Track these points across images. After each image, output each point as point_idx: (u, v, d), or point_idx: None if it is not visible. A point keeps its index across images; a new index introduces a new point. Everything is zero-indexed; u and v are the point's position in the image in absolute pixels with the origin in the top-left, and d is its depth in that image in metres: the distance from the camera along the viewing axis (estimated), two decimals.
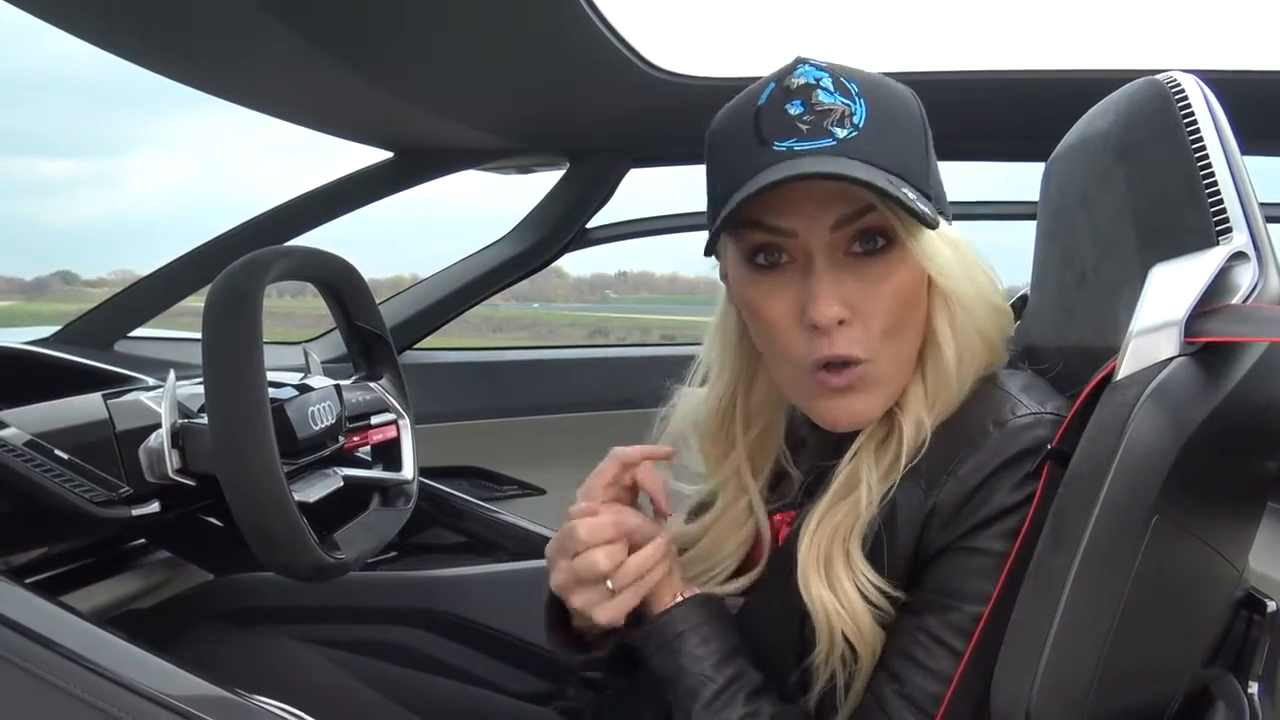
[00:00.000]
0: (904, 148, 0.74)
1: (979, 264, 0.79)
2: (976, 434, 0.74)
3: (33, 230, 22.29)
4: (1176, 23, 1.33)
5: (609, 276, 5.55)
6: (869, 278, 0.74)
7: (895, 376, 0.77)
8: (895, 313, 0.75)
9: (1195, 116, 0.78)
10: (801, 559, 0.77)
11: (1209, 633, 0.78)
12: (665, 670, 0.80)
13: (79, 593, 1.23)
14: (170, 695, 0.70)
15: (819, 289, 0.73)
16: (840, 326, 0.73)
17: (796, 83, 0.73)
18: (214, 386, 0.87)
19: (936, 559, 0.74)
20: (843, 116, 0.72)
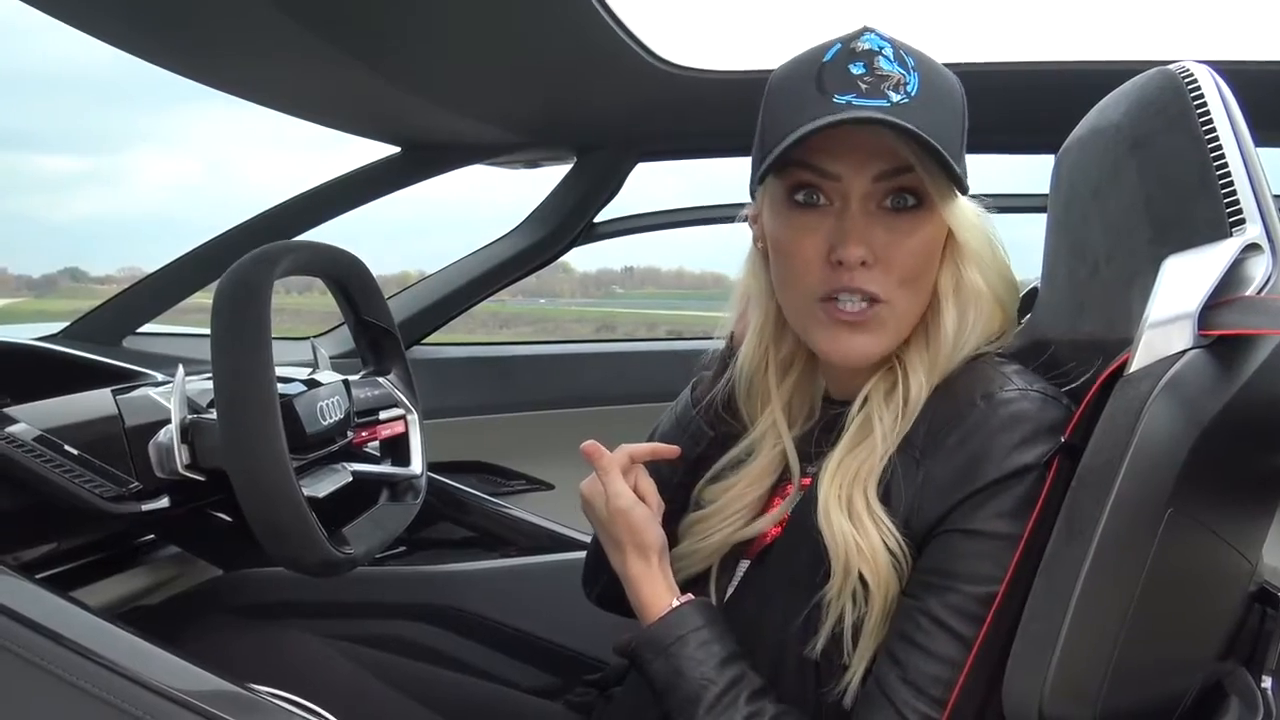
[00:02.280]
0: (946, 124, 0.79)
1: (998, 241, 0.85)
2: (965, 406, 0.77)
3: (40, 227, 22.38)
4: (1190, 13, 1.32)
5: (615, 272, 5.55)
6: (897, 231, 0.79)
7: (902, 324, 0.82)
8: (914, 266, 0.80)
9: (1208, 107, 0.77)
10: (823, 496, 0.79)
11: (1223, 627, 0.78)
12: (664, 677, 0.81)
13: (88, 588, 1.23)
14: (182, 690, 0.70)
15: (852, 230, 0.79)
16: (862, 268, 0.79)
17: (861, 47, 0.79)
18: (223, 382, 0.87)
19: (932, 540, 0.76)
20: (898, 84, 0.78)
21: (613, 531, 0.88)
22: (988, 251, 0.83)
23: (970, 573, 0.73)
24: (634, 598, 0.87)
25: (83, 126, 51.14)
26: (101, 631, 0.76)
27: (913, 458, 0.77)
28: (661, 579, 0.87)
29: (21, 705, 0.73)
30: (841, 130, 0.76)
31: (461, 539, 1.58)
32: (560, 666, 1.29)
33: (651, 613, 0.85)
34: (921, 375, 0.81)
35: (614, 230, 2.22)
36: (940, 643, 0.73)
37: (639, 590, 0.87)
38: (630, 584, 0.87)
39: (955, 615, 0.73)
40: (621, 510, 0.87)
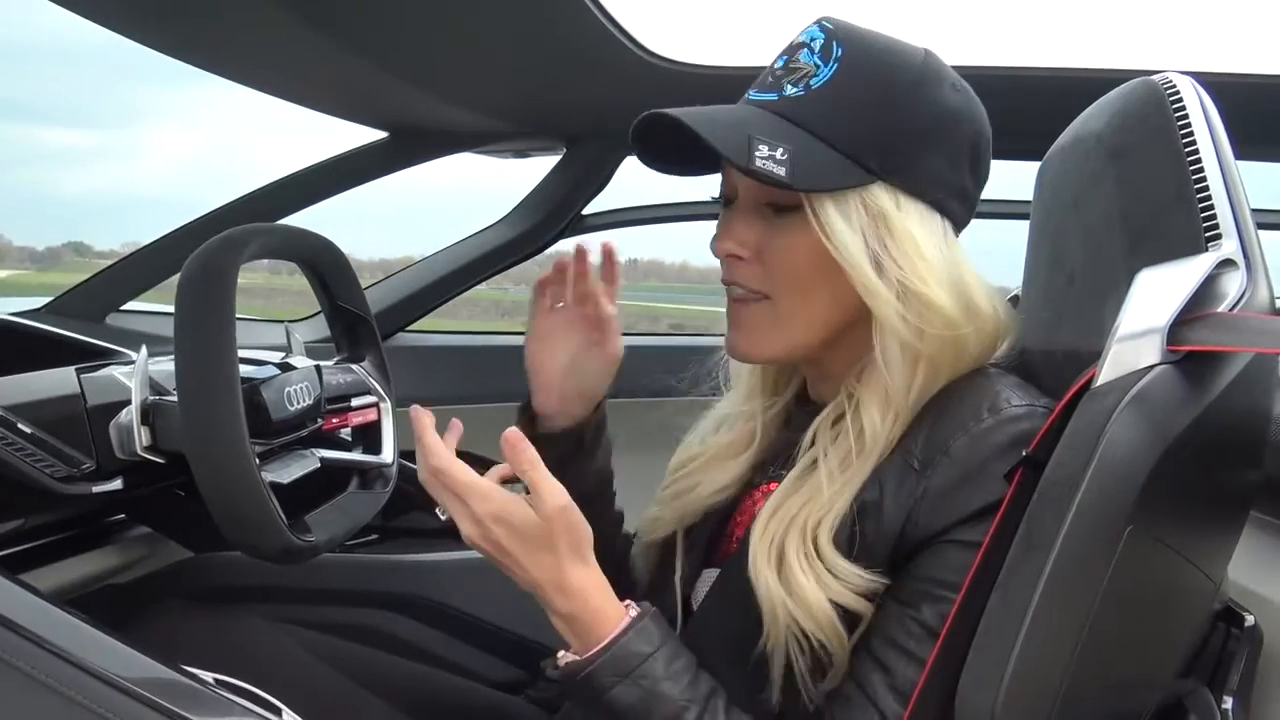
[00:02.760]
0: (858, 117, 0.75)
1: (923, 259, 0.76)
2: (971, 419, 0.74)
3: (48, 200, 22.36)
4: (1175, 23, 1.31)
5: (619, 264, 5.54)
6: (775, 230, 0.78)
7: (797, 326, 0.79)
8: (794, 269, 0.78)
9: (1189, 119, 0.76)
10: (754, 545, 0.77)
11: (1183, 645, 0.77)
12: (629, 701, 0.72)
13: (55, 566, 1.23)
14: (120, 675, 0.69)
15: (724, 224, 0.81)
16: (738, 262, 0.80)
17: (797, 40, 0.78)
18: (184, 364, 0.86)
19: (927, 549, 0.73)
20: (803, 76, 0.76)
21: (547, 541, 0.74)
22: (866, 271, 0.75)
23: (953, 567, 0.72)
24: (574, 611, 0.75)
25: (94, 101, 51.17)
26: (47, 615, 0.74)
27: (910, 467, 0.75)
28: (603, 584, 0.76)
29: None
30: None
31: (435, 529, 1.57)
32: (525, 660, 1.28)
33: (602, 629, 0.74)
34: (876, 416, 0.77)
35: (604, 223, 2.20)
36: (929, 652, 0.71)
37: (585, 601, 0.74)
38: (570, 596, 0.74)
39: (937, 617, 0.72)
40: (561, 509, 0.74)
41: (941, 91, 0.78)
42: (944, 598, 0.72)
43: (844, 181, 0.75)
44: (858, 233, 0.75)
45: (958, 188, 0.79)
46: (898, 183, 0.76)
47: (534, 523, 0.74)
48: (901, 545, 0.74)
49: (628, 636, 0.74)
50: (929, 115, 0.77)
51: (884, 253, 0.75)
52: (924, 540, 0.73)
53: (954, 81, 0.79)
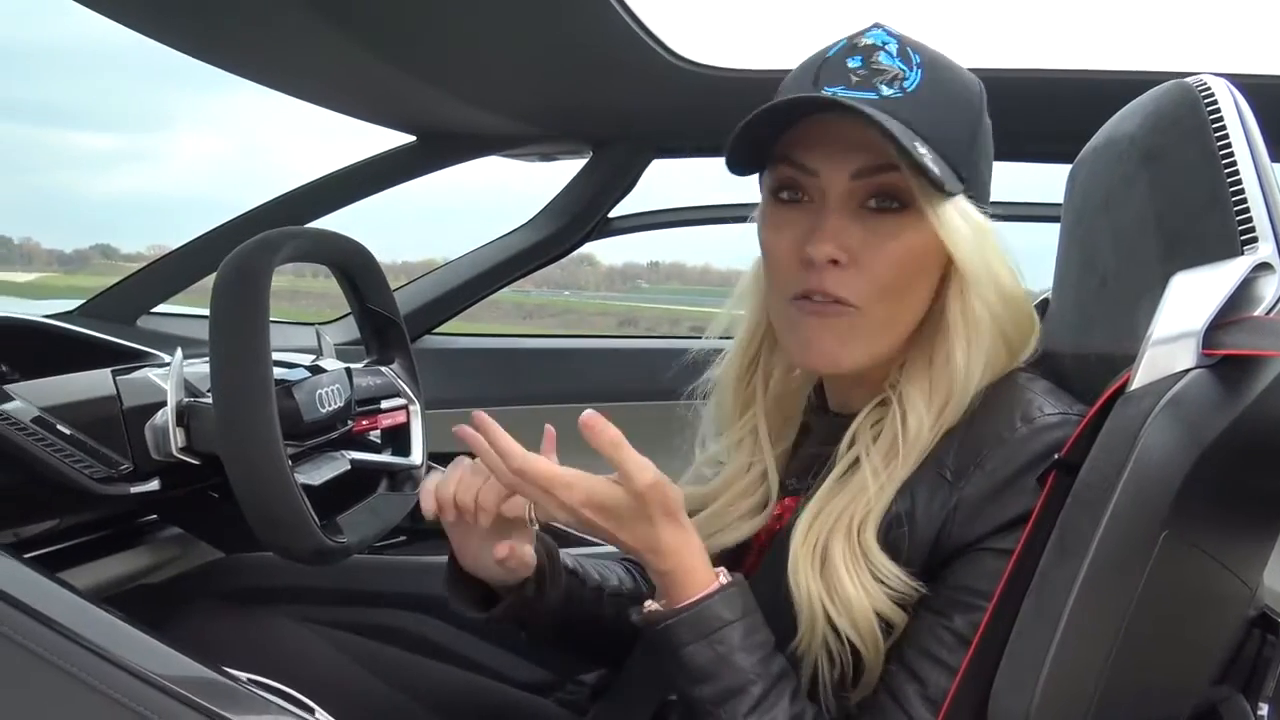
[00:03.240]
0: (947, 125, 0.76)
1: (1002, 257, 0.79)
2: (1005, 429, 0.74)
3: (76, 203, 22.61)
4: (1210, 25, 1.29)
5: (641, 266, 5.54)
6: (877, 232, 0.76)
7: (881, 336, 0.78)
8: (895, 273, 0.76)
9: (1224, 121, 0.76)
10: (795, 547, 0.76)
11: (1218, 651, 0.76)
12: (701, 661, 0.73)
13: (89, 566, 1.24)
14: (158, 673, 0.70)
15: (824, 226, 0.75)
16: (834, 267, 0.75)
17: (864, 42, 0.77)
18: (218, 366, 0.87)
19: (961, 557, 0.73)
20: (894, 78, 0.75)
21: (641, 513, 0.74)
22: (984, 271, 0.77)
23: (988, 576, 0.71)
24: (670, 569, 0.75)
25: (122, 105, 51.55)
26: (86, 614, 0.75)
27: (943, 478, 0.74)
28: (698, 546, 0.76)
29: (2, 683, 0.73)
30: (823, 124, 0.74)
31: None
32: (554, 663, 1.28)
33: (691, 588, 0.75)
34: (922, 409, 0.76)
35: (629, 226, 2.21)
36: (962, 661, 0.70)
37: (679, 560, 0.75)
38: (665, 557, 0.75)
39: (970, 627, 0.71)
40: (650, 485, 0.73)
41: (984, 108, 0.80)
42: (977, 606, 0.71)
43: (953, 188, 0.75)
44: (970, 232, 0.76)
45: (989, 196, 0.81)
46: (970, 192, 0.77)
47: (625, 501, 0.74)
48: (935, 555, 0.74)
49: (713, 600, 0.75)
50: (985, 130, 0.80)
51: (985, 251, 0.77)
52: (957, 549, 0.73)
53: None
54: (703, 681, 0.73)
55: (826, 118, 0.74)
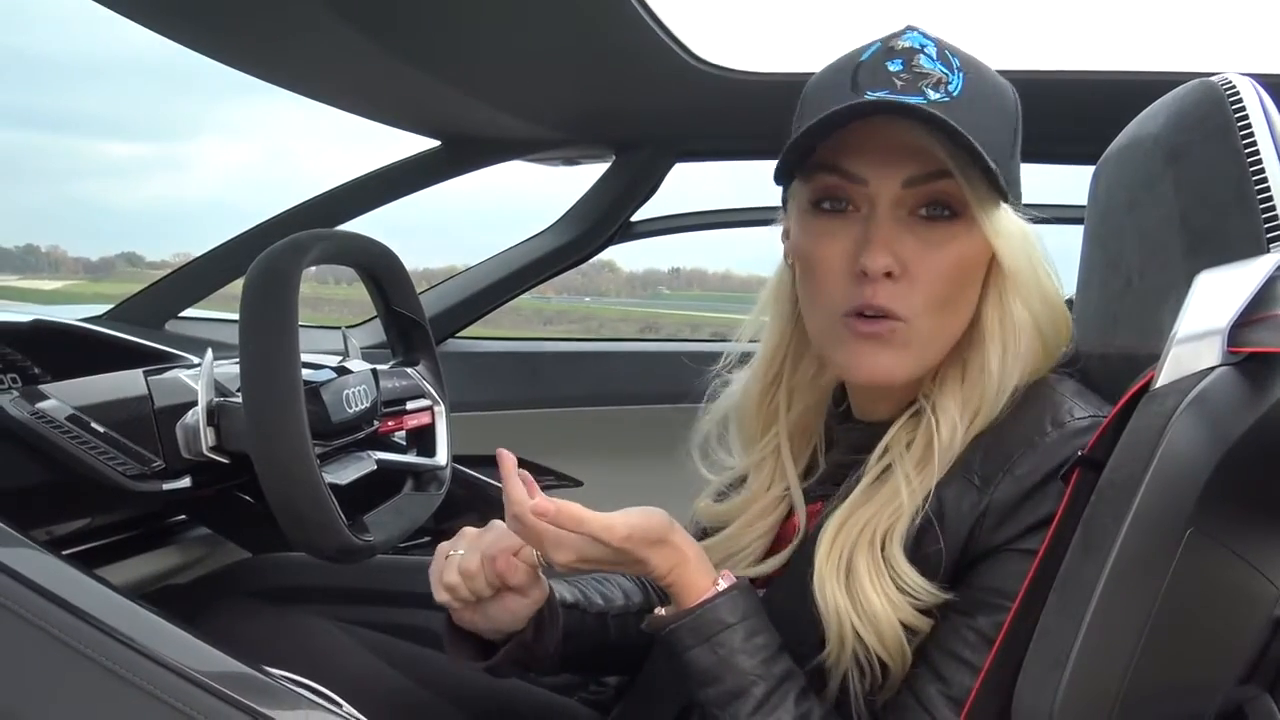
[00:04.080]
0: (991, 128, 0.74)
1: (1044, 262, 0.78)
2: (1035, 434, 0.73)
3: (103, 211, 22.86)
4: (1234, 24, 1.29)
5: (662, 272, 5.55)
6: (930, 242, 0.74)
7: (930, 348, 0.76)
8: (948, 283, 0.74)
9: (1249, 120, 0.76)
10: (819, 561, 0.76)
11: (1244, 651, 0.76)
12: (704, 665, 0.75)
13: (120, 565, 1.26)
14: (198, 670, 0.71)
15: (876, 236, 0.73)
16: (887, 279, 0.73)
17: (902, 45, 0.75)
18: (248, 366, 0.88)
19: (988, 559, 0.73)
20: (938, 82, 0.73)
21: (629, 556, 0.77)
22: (1031, 277, 0.76)
23: (1014, 576, 0.71)
24: (671, 583, 0.78)
25: (148, 114, 52.14)
26: (124, 610, 0.77)
27: (970, 483, 0.74)
28: (694, 559, 0.78)
29: (43, 680, 0.74)
30: (869, 129, 0.72)
31: None
32: None
33: (692, 595, 0.77)
34: (955, 417, 0.75)
35: (651, 230, 2.22)
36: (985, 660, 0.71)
37: (678, 575, 0.78)
38: (664, 575, 0.78)
39: (994, 626, 0.71)
40: (625, 538, 0.76)
41: (1019, 111, 0.78)
42: (1002, 606, 0.71)
43: (1000, 193, 0.74)
44: (1019, 239, 0.75)
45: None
46: (1011, 196, 0.76)
47: (612, 552, 0.77)
48: (963, 558, 0.74)
49: (713, 604, 0.76)
50: (1018, 136, 0.79)
51: (1033, 259, 0.77)
52: (984, 552, 0.73)
53: None
54: (707, 684, 0.75)
55: (874, 122, 0.72)
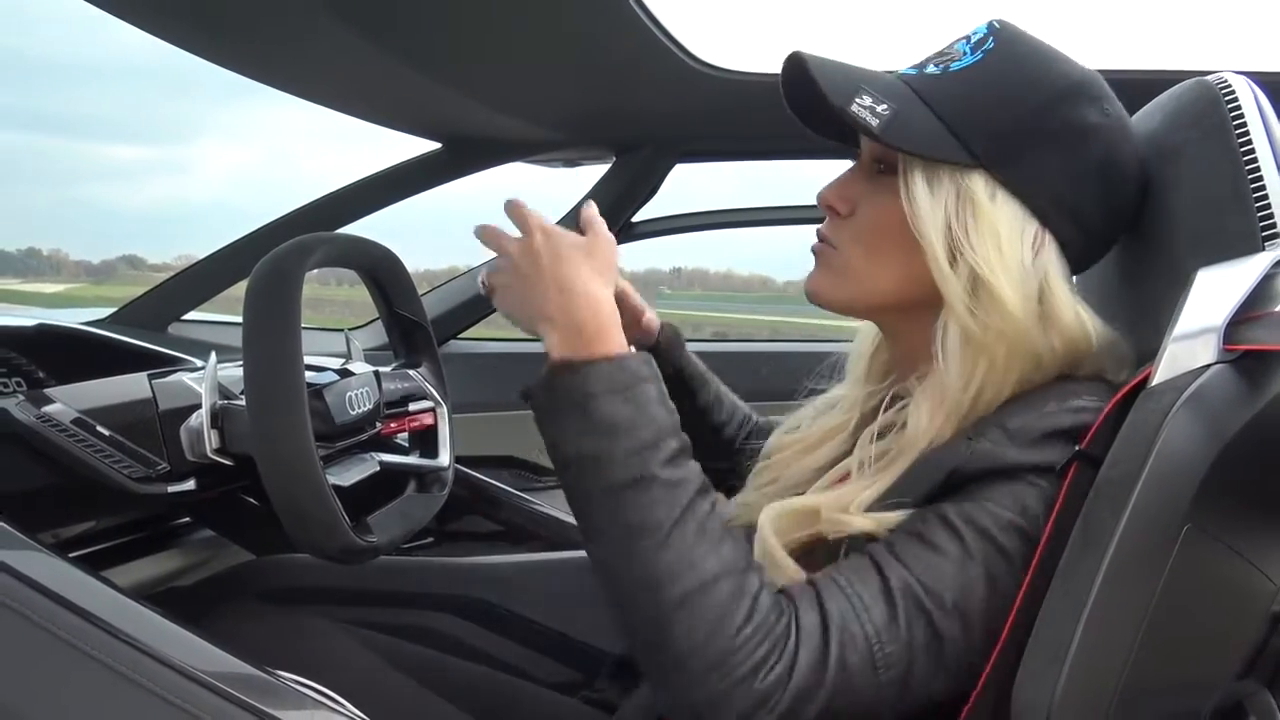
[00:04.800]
0: (983, 105, 0.76)
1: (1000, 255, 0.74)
2: (1039, 403, 0.73)
3: (105, 215, 22.96)
4: (1230, 23, 1.30)
5: (663, 272, 5.56)
6: (875, 190, 0.80)
7: (862, 282, 0.81)
8: (873, 226, 0.80)
9: (1245, 118, 0.77)
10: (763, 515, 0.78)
11: (1242, 646, 0.76)
12: (615, 415, 0.69)
13: (124, 567, 1.26)
14: (204, 671, 0.72)
15: (838, 178, 0.83)
16: (835, 215, 0.82)
17: (971, 30, 0.80)
18: (252, 369, 0.89)
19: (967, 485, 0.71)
20: (946, 59, 0.79)
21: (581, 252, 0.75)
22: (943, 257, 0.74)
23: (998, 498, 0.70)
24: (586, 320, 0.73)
25: (149, 117, 52.42)
26: (130, 611, 0.77)
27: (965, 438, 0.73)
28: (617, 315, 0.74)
29: (50, 681, 0.74)
30: None
31: (490, 532, 1.59)
32: (581, 662, 1.29)
33: (609, 344, 0.72)
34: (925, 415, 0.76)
35: (652, 230, 2.22)
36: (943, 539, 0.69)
37: (595, 312, 0.73)
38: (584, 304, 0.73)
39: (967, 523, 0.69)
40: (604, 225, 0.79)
41: (1082, 106, 0.76)
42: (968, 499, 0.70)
43: (937, 153, 0.75)
44: (940, 208, 0.75)
45: (1069, 203, 0.76)
46: (999, 175, 0.75)
47: (572, 238, 0.76)
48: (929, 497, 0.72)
49: (630, 359, 0.72)
50: (1058, 122, 0.75)
51: (964, 238, 0.74)
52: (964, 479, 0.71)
53: (1107, 106, 0.77)
54: (611, 437, 0.69)
55: None
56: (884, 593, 0.68)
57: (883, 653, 0.67)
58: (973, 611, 0.69)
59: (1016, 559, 0.69)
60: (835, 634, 0.67)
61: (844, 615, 0.67)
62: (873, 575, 0.69)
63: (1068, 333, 0.75)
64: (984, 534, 0.69)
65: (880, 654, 0.67)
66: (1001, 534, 0.69)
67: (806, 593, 0.69)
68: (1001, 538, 0.69)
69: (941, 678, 0.69)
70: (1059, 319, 0.75)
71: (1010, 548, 0.69)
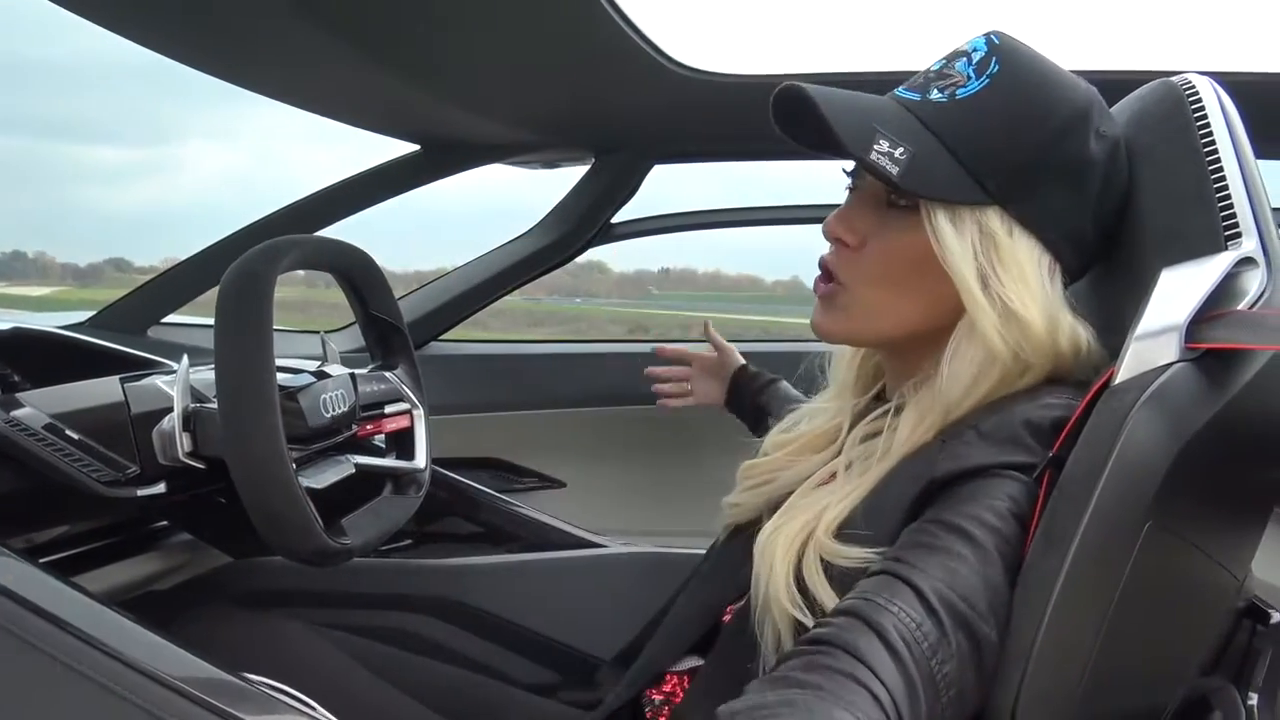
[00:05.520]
0: (995, 141, 0.75)
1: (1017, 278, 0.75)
2: (1010, 404, 0.74)
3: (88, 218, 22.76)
4: (1194, 24, 1.31)
5: (652, 273, 5.55)
6: (887, 224, 0.79)
7: (872, 319, 0.81)
8: (890, 263, 0.79)
9: (1208, 118, 0.77)
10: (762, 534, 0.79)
11: (1206, 642, 0.77)
12: None
13: (99, 571, 1.26)
14: (172, 675, 0.71)
15: (842, 209, 0.82)
16: (841, 246, 0.81)
17: (962, 47, 0.78)
18: (223, 372, 0.88)
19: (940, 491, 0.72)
20: (951, 84, 0.77)
21: None
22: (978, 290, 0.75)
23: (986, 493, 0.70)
24: None
25: (133, 120, 51.99)
26: (101, 616, 0.77)
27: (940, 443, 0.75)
28: None
29: (18, 686, 0.74)
30: None
31: (469, 534, 1.59)
32: (558, 663, 1.29)
33: None
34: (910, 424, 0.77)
35: (633, 231, 2.23)
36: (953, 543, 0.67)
37: None
38: None
39: (968, 519, 0.68)
40: None
41: (1087, 138, 0.77)
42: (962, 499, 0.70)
43: (956, 195, 0.75)
44: (968, 245, 0.75)
45: (1075, 232, 0.78)
46: (1013, 211, 0.76)
47: None
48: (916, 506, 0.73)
49: None
50: (1065, 158, 0.76)
51: (991, 271, 0.75)
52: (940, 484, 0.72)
53: (1102, 127, 0.78)
54: None
55: None
56: (924, 605, 0.64)
57: (941, 671, 0.63)
58: (1003, 611, 0.67)
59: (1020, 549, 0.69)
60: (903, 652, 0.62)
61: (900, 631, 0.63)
62: (905, 589, 0.65)
63: (1070, 348, 0.77)
64: (991, 529, 0.68)
65: (940, 674, 0.63)
66: (1004, 525, 0.68)
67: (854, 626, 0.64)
68: (1005, 529, 0.68)
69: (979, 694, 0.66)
70: (1067, 338, 0.77)
71: (1013, 537, 0.69)
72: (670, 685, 0.92)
